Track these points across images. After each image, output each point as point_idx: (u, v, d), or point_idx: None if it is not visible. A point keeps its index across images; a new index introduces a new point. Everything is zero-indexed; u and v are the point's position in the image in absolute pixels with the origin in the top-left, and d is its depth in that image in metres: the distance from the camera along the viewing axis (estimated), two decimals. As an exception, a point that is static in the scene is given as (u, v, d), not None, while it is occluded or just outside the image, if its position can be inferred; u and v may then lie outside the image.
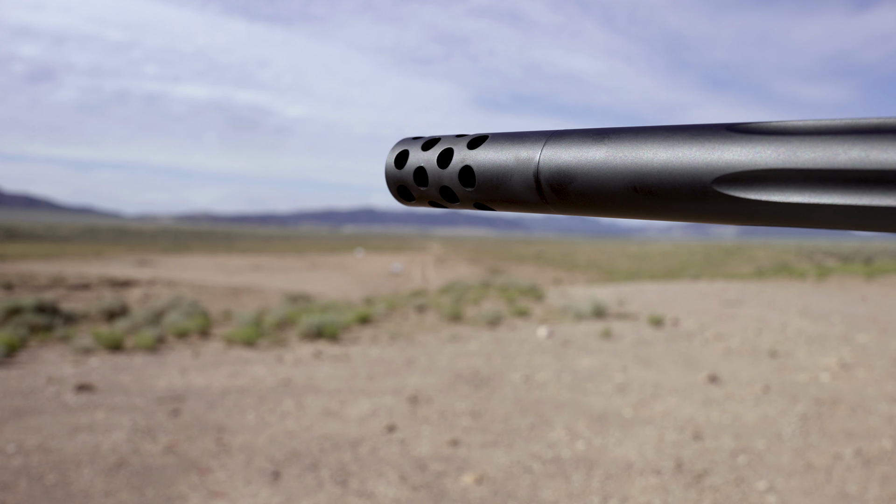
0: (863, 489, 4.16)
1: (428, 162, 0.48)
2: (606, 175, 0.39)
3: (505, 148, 0.45)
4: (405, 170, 0.50)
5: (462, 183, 0.47)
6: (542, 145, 0.43)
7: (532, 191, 0.43)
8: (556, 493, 3.98)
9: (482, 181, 0.45)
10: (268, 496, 3.86)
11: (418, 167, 0.49)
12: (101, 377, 6.61)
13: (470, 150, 0.46)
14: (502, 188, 0.45)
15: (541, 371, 7.29)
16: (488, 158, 0.45)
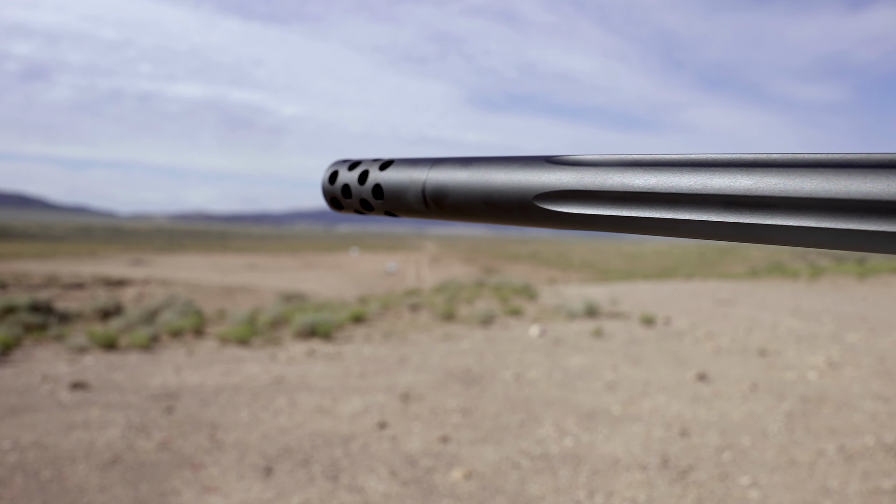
0: (844, 484, 4.25)
1: (351, 180, 0.60)
2: (468, 192, 0.51)
3: (403, 170, 0.57)
4: (335, 185, 0.62)
5: (374, 196, 0.59)
6: (428, 169, 0.55)
7: (421, 203, 0.55)
8: (543, 488, 4.06)
9: (388, 195, 0.58)
10: (260, 491, 3.93)
11: (345, 184, 0.61)
12: (96, 375, 6.67)
13: (380, 172, 0.58)
14: (401, 200, 0.57)
15: (532, 369, 7.37)
16: (392, 178, 0.57)
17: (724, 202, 0.39)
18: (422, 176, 0.55)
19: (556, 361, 7.88)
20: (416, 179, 0.55)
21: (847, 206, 0.36)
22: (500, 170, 0.49)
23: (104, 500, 3.77)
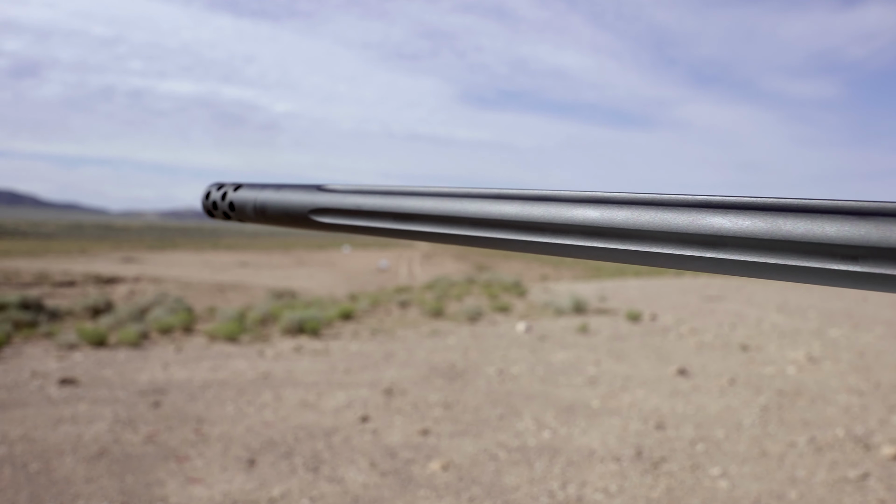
0: (811, 474, 4.38)
1: (217, 197, 0.79)
2: (277, 207, 0.71)
3: (247, 192, 0.76)
4: (209, 201, 0.81)
5: (230, 209, 0.77)
6: (258, 192, 0.74)
7: (253, 213, 0.74)
8: (518, 479, 4.18)
9: (237, 208, 0.76)
10: (242, 482, 4.04)
11: (213, 200, 0.80)
12: (85, 371, 6.76)
13: (234, 192, 0.77)
14: (244, 211, 0.75)
15: (515, 365, 7.49)
16: (240, 196, 0.76)
17: (438, 219, 0.58)
18: (254, 196, 0.75)
19: (540, 357, 8.00)
20: (252, 198, 0.75)
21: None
22: (294, 193, 0.70)
23: (90, 491, 3.88)
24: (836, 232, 0.38)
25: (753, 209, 0.42)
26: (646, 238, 0.45)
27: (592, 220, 0.48)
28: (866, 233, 0.37)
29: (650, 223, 0.45)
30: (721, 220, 0.42)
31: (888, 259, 0.37)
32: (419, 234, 0.58)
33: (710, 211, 0.43)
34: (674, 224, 0.44)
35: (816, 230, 0.39)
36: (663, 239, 0.45)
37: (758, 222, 0.41)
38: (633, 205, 0.46)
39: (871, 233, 0.37)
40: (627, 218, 0.46)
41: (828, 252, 0.39)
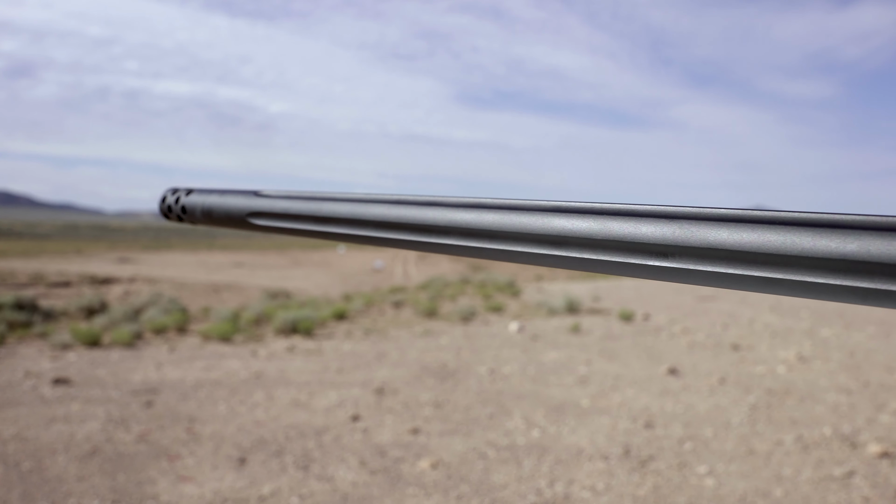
0: (797, 472, 4.43)
1: (172, 201, 0.85)
2: (221, 211, 0.76)
3: (196, 197, 0.81)
4: (165, 204, 0.86)
5: (182, 212, 0.83)
6: (205, 197, 0.79)
7: (201, 216, 0.79)
8: (506, 477, 4.22)
9: (189, 211, 0.82)
10: (233, 480, 4.07)
11: (170, 203, 0.86)
12: (78, 371, 6.78)
13: (186, 197, 0.83)
14: (194, 214, 0.81)
15: (507, 364, 7.53)
16: (190, 201, 0.82)
17: (350, 222, 0.64)
18: (202, 200, 0.80)
19: (532, 357, 8.04)
20: (200, 202, 0.80)
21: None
22: (235, 198, 0.76)
23: (82, 489, 3.91)
24: (651, 233, 0.45)
25: (590, 213, 0.48)
26: (508, 238, 0.52)
27: (467, 222, 0.54)
28: (674, 233, 0.44)
29: (510, 225, 0.51)
30: (564, 223, 0.49)
31: (693, 256, 0.43)
32: (334, 235, 0.65)
33: (557, 215, 0.49)
34: (529, 226, 0.50)
35: (636, 231, 0.45)
36: (522, 239, 0.51)
37: (593, 224, 0.47)
38: (499, 209, 0.53)
39: (677, 233, 0.43)
40: (494, 220, 0.53)
41: (645, 250, 0.45)
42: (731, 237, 0.42)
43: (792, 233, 0.40)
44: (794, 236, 0.40)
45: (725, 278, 0.43)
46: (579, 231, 0.48)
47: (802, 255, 0.40)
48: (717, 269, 0.43)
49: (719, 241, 0.43)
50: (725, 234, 0.42)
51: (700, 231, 0.43)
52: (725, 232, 0.42)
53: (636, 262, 0.45)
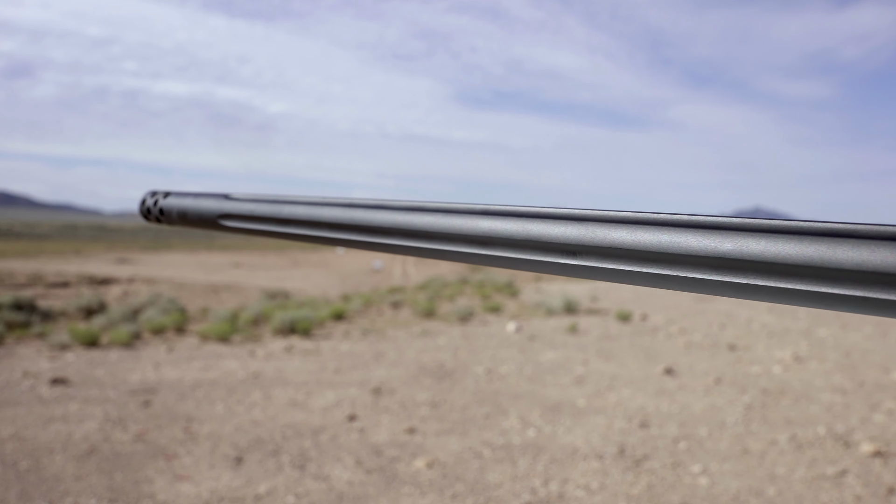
0: (790, 471, 4.45)
1: (151, 203, 0.88)
2: (195, 213, 0.79)
3: (173, 200, 0.85)
4: (144, 206, 0.90)
5: (161, 213, 0.86)
6: (180, 199, 0.83)
7: (178, 219, 0.83)
8: (501, 476, 4.25)
9: (166, 213, 0.85)
10: (229, 479, 4.10)
11: (149, 205, 0.89)
12: (76, 371, 6.81)
13: (164, 199, 0.86)
14: (170, 216, 0.84)
15: (504, 364, 7.56)
16: (167, 203, 0.85)
17: (307, 223, 0.69)
18: (178, 203, 0.84)
19: (529, 357, 8.07)
20: (176, 205, 0.84)
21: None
22: (208, 201, 0.80)
23: (79, 488, 3.93)
24: (563, 233, 0.49)
25: (512, 216, 0.53)
26: (443, 238, 0.57)
27: (407, 223, 0.59)
28: (580, 234, 0.48)
29: (444, 226, 0.56)
30: (489, 224, 0.53)
31: (597, 254, 0.48)
32: (294, 236, 0.70)
33: (484, 217, 0.54)
34: (460, 227, 0.55)
35: (550, 232, 0.50)
36: (454, 239, 0.56)
37: (514, 226, 0.52)
38: (435, 212, 0.58)
39: (583, 234, 0.48)
40: (430, 222, 0.58)
41: (557, 249, 0.50)
42: (629, 237, 0.47)
43: (679, 233, 0.45)
44: (679, 237, 0.45)
45: (625, 275, 0.47)
46: (502, 232, 0.52)
47: (687, 254, 0.44)
48: (617, 266, 0.47)
49: (619, 241, 0.47)
50: (624, 234, 0.47)
51: (603, 232, 0.48)
52: (624, 232, 0.47)
53: (551, 260, 0.50)
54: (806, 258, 0.41)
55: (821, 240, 0.41)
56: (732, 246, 0.43)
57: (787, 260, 0.41)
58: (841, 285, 0.40)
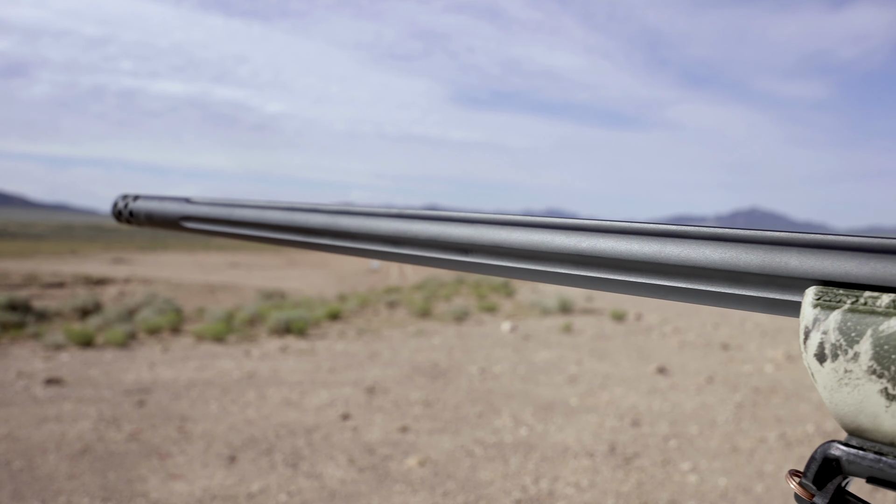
0: (778, 468, 4.49)
1: (123, 206, 0.92)
2: (160, 216, 0.83)
3: (142, 202, 0.89)
4: (116, 208, 0.94)
5: (130, 216, 0.90)
6: (149, 201, 0.88)
7: (146, 220, 0.87)
8: (492, 474, 4.28)
9: (135, 215, 0.89)
10: (222, 477, 4.13)
11: (120, 208, 0.93)
12: (71, 371, 6.83)
13: (133, 202, 0.90)
14: (139, 218, 0.88)
15: (498, 364, 7.59)
16: (137, 206, 0.89)
17: (253, 225, 0.74)
18: (145, 205, 0.89)
19: (524, 356, 8.11)
20: (144, 207, 0.89)
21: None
22: (171, 204, 0.83)
23: (72, 487, 3.96)
24: (457, 234, 0.56)
25: (417, 218, 0.59)
26: (362, 238, 0.64)
27: (336, 225, 0.66)
28: (471, 235, 0.55)
29: (363, 227, 0.63)
30: (399, 226, 0.60)
31: (485, 252, 0.55)
32: (242, 237, 0.75)
33: (395, 219, 0.61)
34: (376, 228, 0.62)
35: (447, 232, 0.57)
36: (372, 239, 0.63)
37: (418, 227, 0.59)
38: (355, 215, 0.65)
39: (473, 235, 0.55)
40: (351, 223, 0.65)
41: (453, 247, 0.57)
42: (509, 237, 0.53)
43: (546, 234, 0.52)
44: (547, 237, 0.51)
45: (508, 270, 0.54)
46: (409, 233, 0.59)
47: (553, 251, 0.51)
48: (501, 262, 0.54)
49: (501, 240, 0.54)
50: (505, 234, 0.53)
51: (489, 233, 0.54)
52: (505, 233, 0.53)
53: (448, 257, 0.57)
54: (643, 255, 0.47)
55: (655, 239, 0.47)
56: (587, 245, 0.49)
57: (628, 256, 0.48)
58: (671, 279, 0.46)
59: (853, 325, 0.39)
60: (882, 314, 0.38)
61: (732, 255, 0.44)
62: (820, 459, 0.40)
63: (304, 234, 0.69)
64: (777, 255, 0.42)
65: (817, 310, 0.40)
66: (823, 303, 0.40)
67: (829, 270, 0.41)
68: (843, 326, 0.39)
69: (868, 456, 0.39)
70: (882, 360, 0.37)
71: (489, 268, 0.55)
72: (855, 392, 0.39)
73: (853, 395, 0.39)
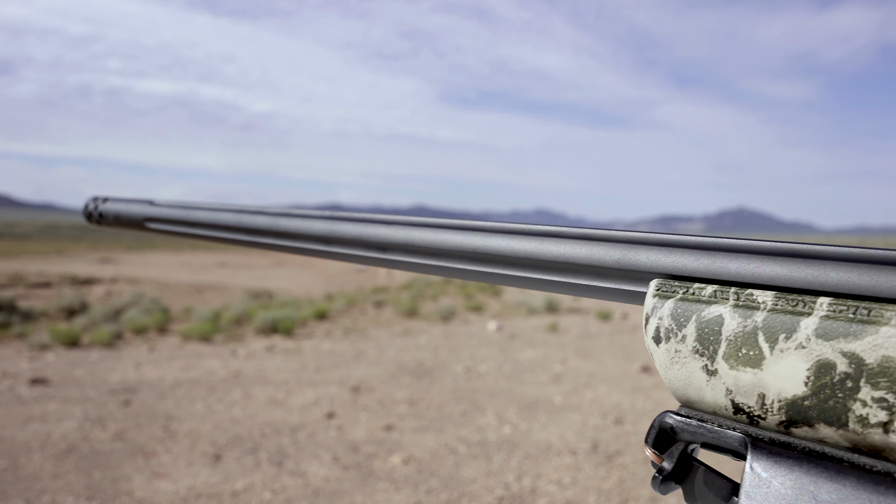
0: (758, 465, 4.55)
1: (93, 207, 0.96)
2: (126, 217, 0.87)
3: (111, 204, 0.93)
4: (87, 209, 0.97)
5: (100, 217, 0.94)
6: (116, 203, 0.92)
7: (114, 221, 0.91)
8: (475, 472, 4.32)
9: (104, 216, 0.93)
10: (207, 476, 4.15)
11: (91, 210, 0.97)
12: (56, 371, 6.82)
13: (103, 204, 0.94)
14: (108, 219, 0.92)
15: (483, 363, 7.64)
16: (105, 208, 0.93)
17: (207, 225, 0.79)
18: (113, 207, 0.93)
19: (509, 355, 8.15)
20: (112, 209, 0.93)
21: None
22: (136, 206, 0.88)
23: (57, 486, 3.97)
24: (376, 233, 0.62)
25: (341, 220, 0.65)
26: (300, 238, 0.69)
27: (286, 226, 0.71)
28: (387, 234, 0.61)
29: (301, 228, 0.69)
30: (323, 226, 0.67)
31: (400, 250, 0.61)
32: (199, 237, 0.80)
33: (321, 220, 0.67)
34: (309, 228, 0.68)
35: (366, 232, 0.63)
36: (308, 239, 0.69)
37: (342, 227, 0.65)
38: (296, 217, 0.71)
39: (389, 234, 0.61)
40: (290, 225, 0.71)
41: (373, 245, 0.63)
42: (419, 236, 0.59)
43: (445, 234, 0.57)
44: (444, 236, 0.57)
45: (420, 266, 0.60)
46: (336, 232, 0.65)
47: (454, 249, 0.57)
48: (413, 259, 0.60)
49: (412, 239, 0.59)
50: (415, 234, 0.59)
51: (402, 233, 0.60)
52: (415, 233, 0.59)
53: (370, 254, 0.63)
54: (525, 252, 0.53)
55: (535, 238, 0.52)
56: (480, 243, 0.55)
57: (513, 254, 0.53)
58: (547, 273, 0.52)
59: (682, 312, 0.44)
60: (705, 302, 0.43)
61: (596, 252, 0.50)
62: (657, 427, 0.45)
63: (251, 234, 0.74)
64: (631, 253, 0.48)
65: (656, 299, 0.46)
66: (661, 293, 0.46)
67: (669, 265, 0.46)
68: (675, 313, 0.44)
69: (692, 423, 0.43)
70: (703, 341, 0.42)
71: (404, 264, 0.61)
72: (683, 369, 0.43)
73: (682, 371, 0.43)
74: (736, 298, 0.42)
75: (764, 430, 0.41)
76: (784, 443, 0.40)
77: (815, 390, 0.38)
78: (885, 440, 0.36)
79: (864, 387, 0.36)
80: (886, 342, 0.35)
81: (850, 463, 0.37)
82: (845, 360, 0.37)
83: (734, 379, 0.41)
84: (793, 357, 0.38)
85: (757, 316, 0.41)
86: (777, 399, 0.39)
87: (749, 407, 0.41)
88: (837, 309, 0.38)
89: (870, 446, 0.36)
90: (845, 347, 0.37)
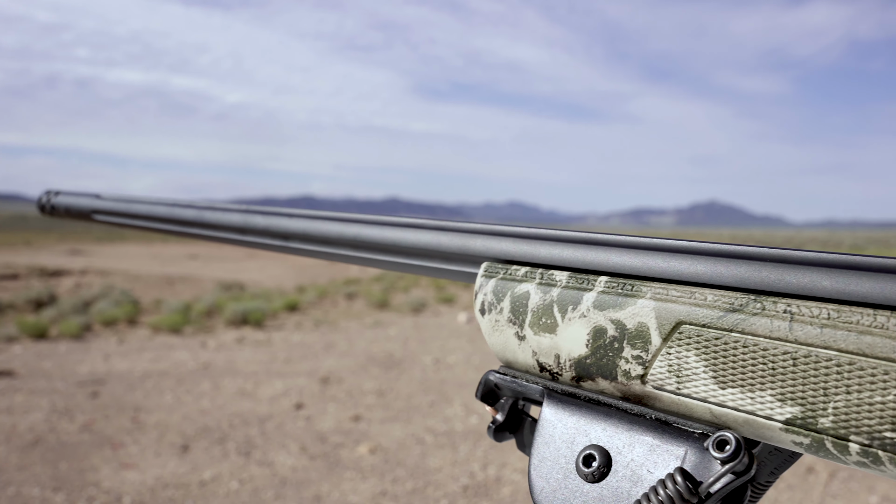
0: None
1: (46, 200, 1.01)
2: (75, 208, 0.94)
3: (62, 197, 0.99)
4: (41, 202, 1.02)
5: (52, 209, 0.99)
6: (67, 196, 0.97)
7: (66, 213, 0.96)
8: (441, 461, 4.40)
9: (57, 209, 0.98)
10: (175, 466, 4.19)
11: (44, 202, 1.02)
12: (23, 363, 6.79)
13: (55, 197, 0.99)
14: (60, 211, 0.97)
15: (452, 354, 7.72)
16: (58, 201, 0.99)
17: (144, 217, 0.87)
18: (65, 200, 0.98)
19: (478, 346, 8.24)
20: (64, 202, 0.99)
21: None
22: (84, 199, 0.94)
23: (23, 478, 3.99)
24: (283, 225, 0.70)
25: (255, 213, 0.73)
26: (224, 229, 0.77)
27: (209, 218, 0.78)
28: (287, 225, 0.69)
29: (221, 221, 0.77)
30: (242, 218, 0.74)
31: (303, 240, 0.69)
32: (137, 227, 0.87)
33: (237, 213, 0.75)
34: (228, 221, 0.76)
35: (274, 223, 0.71)
36: (229, 229, 0.76)
37: (256, 219, 0.72)
38: (219, 210, 0.78)
39: (292, 226, 0.69)
40: (214, 217, 0.78)
41: (277, 235, 0.71)
42: (311, 226, 0.67)
43: (334, 224, 0.66)
44: (334, 226, 0.66)
45: (322, 254, 0.68)
46: (249, 223, 0.74)
47: (337, 237, 0.65)
48: (309, 247, 0.69)
49: (305, 229, 0.67)
50: (308, 224, 0.67)
51: (298, 224, 0.68)
52: (309, 224, 0.67)
53: (275, 242, 0.71)
54: (390, 240, 0.62)
55: (397, 229, 0.61)
56: (355, 232, 0.64)
57: (381, 241, 0.63)
58: (407, 258, 0.62)
59: (500, 289, 0.53)
60: (518, 281, 0.52)
61: (445, 239, 0.59)
62: (484, 382, 0.54)
63: (182, 225, 0.82)
64: (470, 240, 0.57)
65: (483, 279, 0.55)
66: (487, 273, 0.55)
67: (496, 251, 0.55)
68: (496, 290, 0.53)
69: (507, 379, 0.53)
70: (515, 313, 0.52)
71: (303, 251, 0.70)
72: (501, 335, 0.53)
73: (500, 337, 0.53)
74: (541, 277, 0.52)
75: (561, 384, 0.50)
76: (571, 393, 0.49)
77: (594, 351, 0.47)
78: (643, 390, 0.45)
79: (626, 347, 0.45)
80: (641, 311, 0.45)
81: (617, 408, 0.47)
82: (613, 326, 0.46)
83: (537, 343, 0.50)
84: (577, 324, 0.48)
85: (553, 291, 0.50)
86: (568, 359, 0.48)
87: (549, 366, 0.50)
88: (611, 286, 0.47)
89: (633, 395, 0.46)
90: (613, 316, 0.46)
